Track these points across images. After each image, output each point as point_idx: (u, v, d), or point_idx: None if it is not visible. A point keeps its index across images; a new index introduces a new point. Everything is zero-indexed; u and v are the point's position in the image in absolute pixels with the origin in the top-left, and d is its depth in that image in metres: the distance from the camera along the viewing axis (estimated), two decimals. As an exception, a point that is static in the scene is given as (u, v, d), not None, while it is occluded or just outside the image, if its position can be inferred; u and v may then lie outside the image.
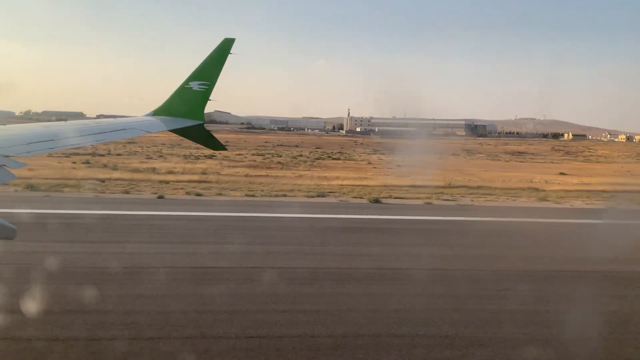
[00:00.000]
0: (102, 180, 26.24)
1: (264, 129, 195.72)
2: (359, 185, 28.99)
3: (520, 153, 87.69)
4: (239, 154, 59.38)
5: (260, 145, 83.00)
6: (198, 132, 9.04)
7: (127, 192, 22.92)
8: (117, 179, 27.03)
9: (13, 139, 5.68)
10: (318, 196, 24.35)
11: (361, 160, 57.87)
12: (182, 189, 24.73)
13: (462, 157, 68.08)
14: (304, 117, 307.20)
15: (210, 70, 8.71)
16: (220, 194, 23.63)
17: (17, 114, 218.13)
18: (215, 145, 9.92)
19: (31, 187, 22.11)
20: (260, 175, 34.83)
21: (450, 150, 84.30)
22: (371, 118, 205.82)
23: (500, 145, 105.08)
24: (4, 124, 6.54)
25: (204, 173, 33.28)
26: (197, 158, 49.82)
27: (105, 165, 37.52)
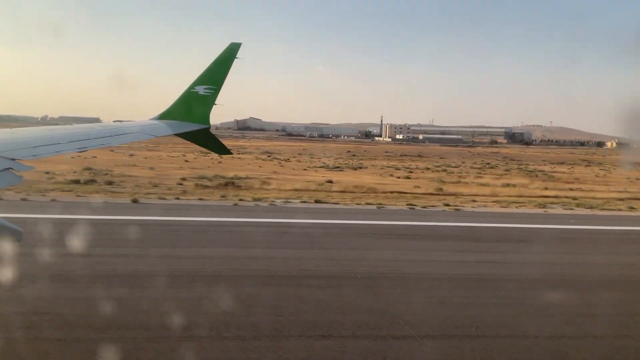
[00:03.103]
0: (575, 198, 27.66)
1: (303, 136, 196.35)
2: None
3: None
4: (428, 168, 60.16)
5: (387, 156, 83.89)
6: (204, 137, 9.08)
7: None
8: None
9: (19, 142, 5.70)
10: None
11: (564, 172, 59.12)
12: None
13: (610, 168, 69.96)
14: (312, 123, 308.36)
15: (216, 74, 8.72)
16: None
17: (39, 119, 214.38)
18: (221, 149, 9.93)
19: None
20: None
21: (569, 160, 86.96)
22: (410, 125, 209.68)
23: (593, 155, 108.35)
24: (10, 127, 6.60)
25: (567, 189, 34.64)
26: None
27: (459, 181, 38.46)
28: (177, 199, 22.98)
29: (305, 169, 49.51)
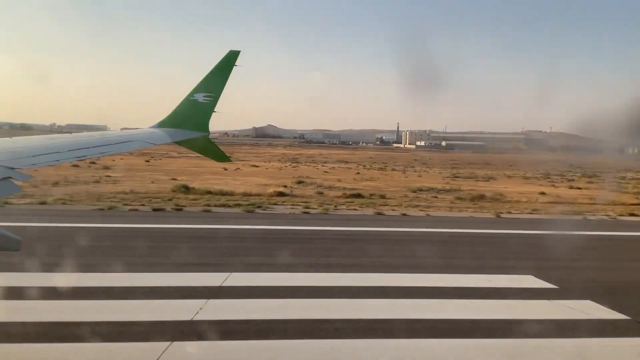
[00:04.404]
0: None
1: (323, 142, 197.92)
2: None
3: None
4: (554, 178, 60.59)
5: (456, 164, 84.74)
6: (203, 144, 9.17)
7: None
8: None
9: (18, 151, 5.69)
10: None
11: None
12: None
13: None
14: (314, 130, 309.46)
15: (215, 82, 8.79)
16: None
17: (49, 126, 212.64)
18: (220, 156, 10.02)
19: None
20: None
21: None
22: (430, 131, 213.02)
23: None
24: (10, 136, 6.66)
25: None
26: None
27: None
28: (500, 215, 24.29)
29: (453, 178, 51.12)
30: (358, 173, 54.50)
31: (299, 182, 37.68)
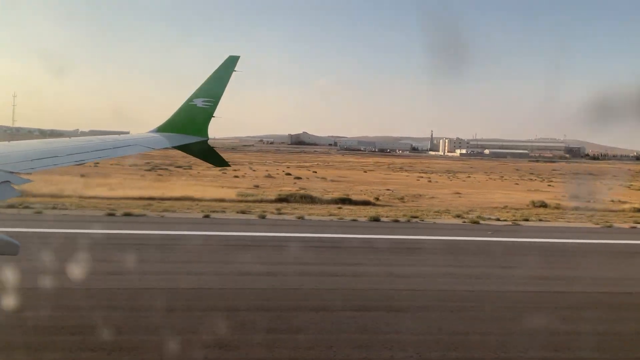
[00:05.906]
0: None
1: (359, 149, 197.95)
2: None
3: None
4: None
5: (561, 174, 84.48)
6: (202, 149, 9.13)
7: None
8: None
9: (17, 155, 5.72)
10: None
11: None
12: None
13: None
14: (330, 136, 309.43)
15: (214, 87, 8.80)
16: None
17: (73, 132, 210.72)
18: (219, 161, 9.89)
19: None
20: None
21: None
22: (469, 140, 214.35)
23: None
24: (9, 140, 6.64)
25: None
26: None
27: None
28: None
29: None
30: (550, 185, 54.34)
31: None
